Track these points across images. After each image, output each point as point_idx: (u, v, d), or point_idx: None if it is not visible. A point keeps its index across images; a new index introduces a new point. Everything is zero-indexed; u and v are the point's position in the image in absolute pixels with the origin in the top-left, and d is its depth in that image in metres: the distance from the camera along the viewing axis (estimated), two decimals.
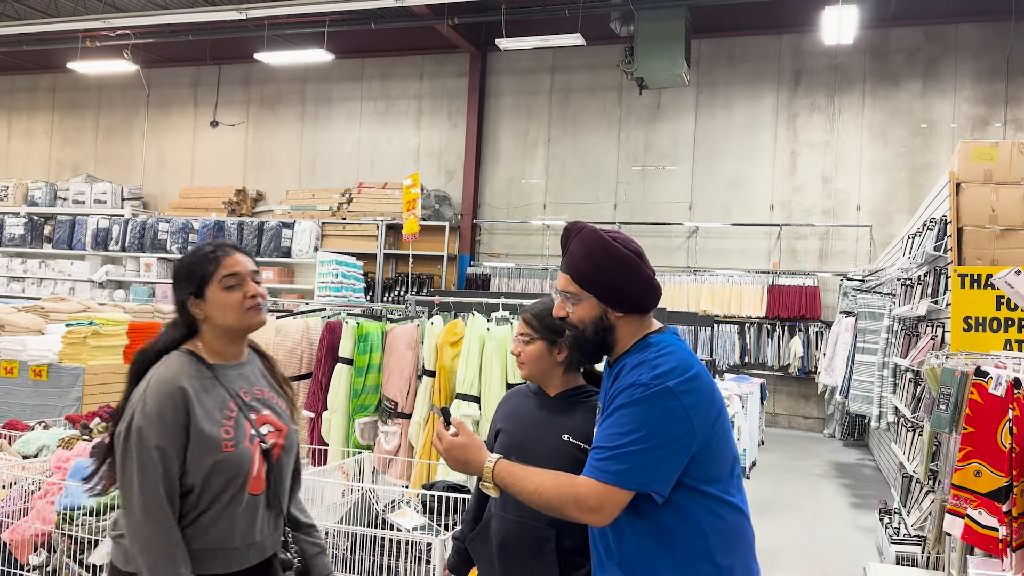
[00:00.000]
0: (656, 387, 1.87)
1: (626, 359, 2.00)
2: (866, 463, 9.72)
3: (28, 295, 13.77)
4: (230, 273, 2.10)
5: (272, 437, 2.15)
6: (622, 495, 1.86)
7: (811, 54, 12.32)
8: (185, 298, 2.12)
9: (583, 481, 1.89)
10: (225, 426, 2.04)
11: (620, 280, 2.00)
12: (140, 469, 1.94)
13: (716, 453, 1.95)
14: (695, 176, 12.86)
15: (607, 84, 13.33)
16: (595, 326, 2.03)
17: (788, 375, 12.12)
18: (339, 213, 13.90)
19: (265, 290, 2.18)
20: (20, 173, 16.91)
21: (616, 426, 1.89)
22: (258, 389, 2.20)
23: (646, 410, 1.86)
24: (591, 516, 1.88)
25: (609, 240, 2.02)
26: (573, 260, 2.03)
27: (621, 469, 1.85)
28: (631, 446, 1.84)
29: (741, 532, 2.00)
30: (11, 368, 6.48)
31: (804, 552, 5.99)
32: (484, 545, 2.34)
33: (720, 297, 12.22)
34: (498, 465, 2.00)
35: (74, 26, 13.04)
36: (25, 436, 4.01)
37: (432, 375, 5.00)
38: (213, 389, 2.07)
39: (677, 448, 1.86)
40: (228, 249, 2.16)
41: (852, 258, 11.92)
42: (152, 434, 1.94)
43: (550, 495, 1.91)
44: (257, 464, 2.07)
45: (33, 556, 3.16)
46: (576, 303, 2.04)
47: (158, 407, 1.96)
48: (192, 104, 16.08)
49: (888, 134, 11.96)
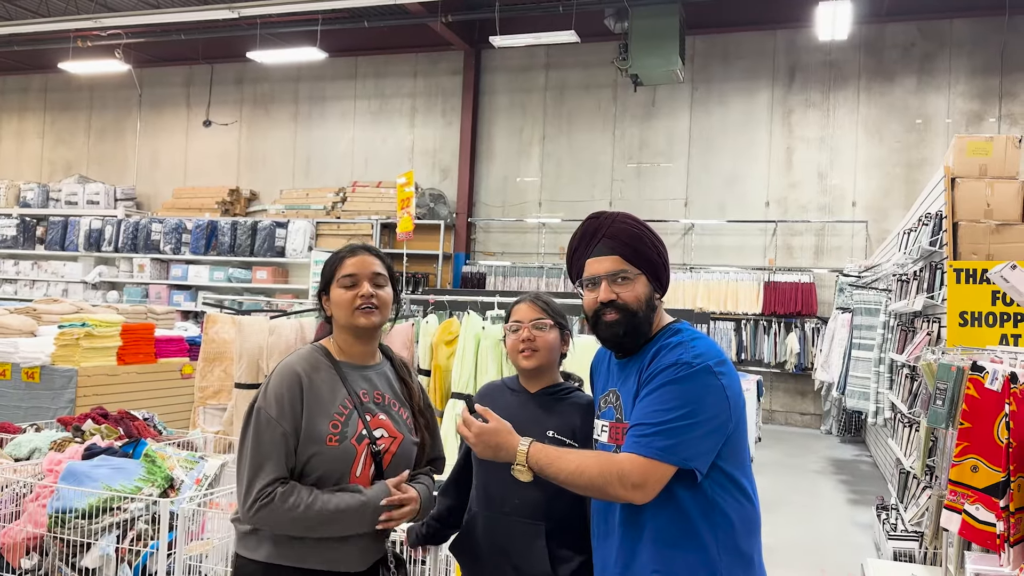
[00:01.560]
0: (699, 366, 1.90)
1: (659, 342, 2.01)
2: (863, 459, 9.72)
3: (21, 297, 13.71)
4: (348, 273, 2.18)
5: (385, 443, 2.14)
6: (665, 471, 1.87)
7: (806, 50, 12.31)
8: (320, 295, 2.27)
9: (626, 458, 1.88)
10: (335, 420, 2.08)
11: (663, 259, 2.09)
12: (255, 447, 2.04)
13: (742, 439, 1.99)
14: (690, 173, 12.84)
15: (602, 81, 13.30)
16: (647, 305, 2.04)
17: (784, 372, 12.11)
18: (333, 212, 13.86)
19: (386, 293, 2.22)
20: (12, 174, 16.83)
21: (659, 403, 1.89)
22: (379, 394, 2.22)
23: (691, 388, 1.88)
24: (634, 493, 1.86)
25: (645, 223, 2.12)
26: (621, 241, 2.04)
27: (667, 444, 1.85)
28: (677, 422, 1.85)
29: (757, 522, 2.04)
30: (3, 370, 6.44)
31: (802, 549, 5.98)
32: (469, 544, 2.31)
33: (716, 294, 12.21)
34: (532, 447, 1.97)
35: (65, 26, 12.98)
36: (17, 439, 3.97)
37: (427, 374, 4.98)
38: (332, 383, 2.13)
39: (717, 426, 1.89)
40: (358, 250, 2.24)
41: (848, 254, 11.91)
42: (269, 415, 2.04)
43: (592, 473, 1.89)
44: (362, 464, 2.08)
45: (25, 560, 3.13)
46: (628, 283, 2.03)
47: (277, 390, 2.07)
48: (185, 104, 16.02)
49: (883, 130, 11.96)
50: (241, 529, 2.10)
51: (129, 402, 6.38)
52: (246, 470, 2.04)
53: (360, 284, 2.17)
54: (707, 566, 1.92)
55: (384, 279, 2.24)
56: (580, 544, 2.23)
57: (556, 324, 2.34)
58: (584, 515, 2.24)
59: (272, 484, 2.01)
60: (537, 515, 2.22)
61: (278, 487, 2.00)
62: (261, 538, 2.06)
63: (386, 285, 2.24)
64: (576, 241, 2.14)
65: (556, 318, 2.35)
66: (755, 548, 2.02)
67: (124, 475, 3.29)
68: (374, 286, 2.19)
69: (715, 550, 1.93)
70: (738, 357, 12.19)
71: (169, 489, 3.33)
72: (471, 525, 2.32)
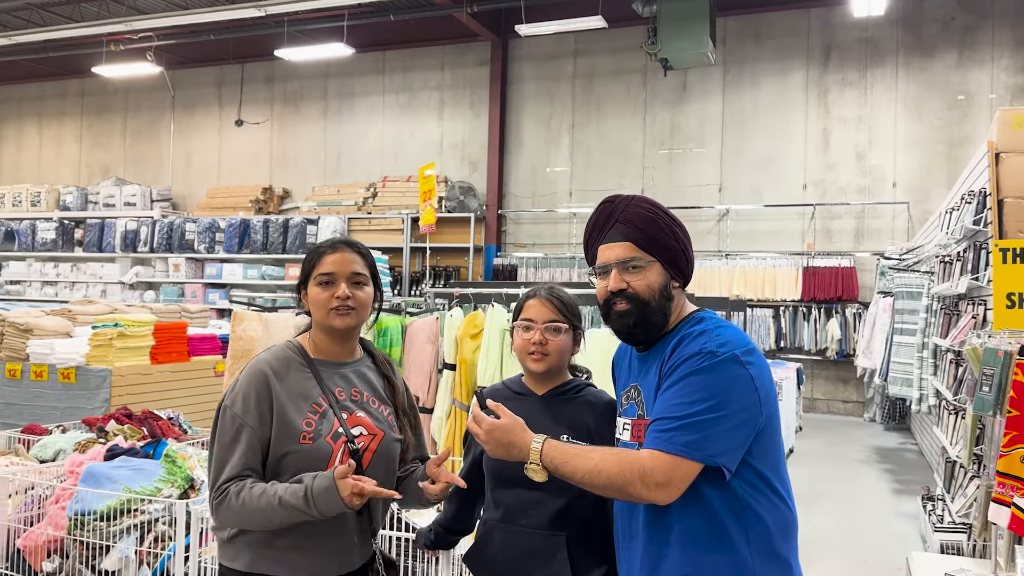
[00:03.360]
0: (724, 355, 1.76)
1: (681, 332, 1.88)
2: (908, 447, 9.44)
3: (61, 299, 13.94)
4: (325, 271, 2.08)
5: (364, 440, 2.06)
6: (691, 468, 1.73)
7: (841, 27, 11.96)
8: (298, 289, 2.18)
9: (647, 455, 1.75)
10: (308, 418, 2.00)
11: (681, 245, 1.94)
12: (220, 443, 1.99)
13: (774, 436, 1.85)
14: (724, 157, 12.59)
15: (631, 67, 13.09)
16: (661, 295, 1.90)
17: (826, 359, 11.84)
18: (364, 208, 13.88)
19: (364, 293, 2.11)
20: (52, 178, 17.14)
21: (682, 395, 1.76)
22: (356, 391, 2.13)
23: (716, 378, 1.75)
24: (657, 492, 1.73)
25: (664, 207, 1.97)
26: (634, 226, 1.92)
27: (692, 439, 1.72)
28: (702, 415, 1.72)
29: (794, 525, 1.89)
30: (40, 372, 6.52)
31: (844, 540, 5.79)
32: (484, 559, 2.19)
33: (753, 281, 11.96)
34: (547, 445, 1.84)
35: (97, 30, 13.14)
36: (43, 440, 3.98)
37: (453, 368, 4.91)
38: (304, 381, 2.06)
39: (746, 419, 1.75)
40: (339, 246, 2.13)
41: (889, 236, 11.57)
42: (235, 413, 1.99)
43: (611, 472, 1.76)
44: (338, 463, 1.98)
45: (46, 563, 3.12)
46: (639, 271, 1.90)
47: (243, 388, 2.01)
48: (217, 104, 16.14)
49: (923, 107, 11.58)
50: (220, 537, 2.04)
51: (163, 400, 6.43)
52: (212, 470, 1.99)
53: (337, 284, 2.07)
54: (739, 569, 1.78)
55: (365, 278, 2.13)
56: (603, 552, 2.11)
57: (571, 326, 2.21)
58: (606, 520, 2.12)
59: (229, 481, 1.94)
60: (556, 525, 2.09)
61: (232, 484, 1.94)
62: (239, 547, 2.00)
63: (366, 284, 2.13)
64: (590, 227, 2.02)
65: (571, 319, 2.21)
66: (792, 552, 1.87)
67: (144, 476, 3.26)
68: (352, 285, 2.09)
69: (747, 552, 1.78)
70: (777, 344, 11.94)
71: (190, 489, 3.30)
72: (486, 538, 2.20)
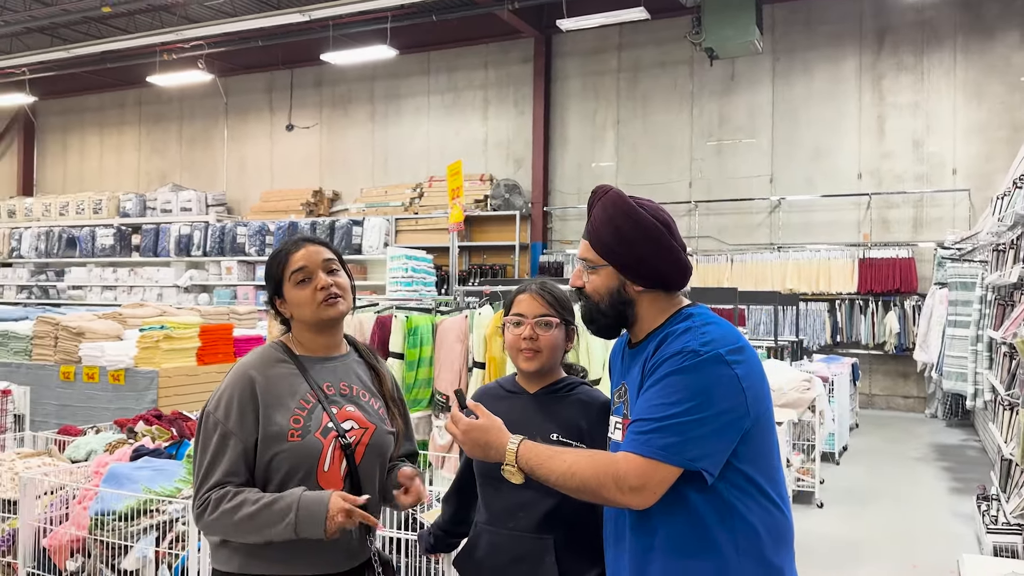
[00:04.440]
0: (707, 354, 1.68)
1: (666, 330, 1.81)
2: (971, 444, 9.05)
3: (119, 303, 14.36)
4: (297, 268, 2.05)
5: (355, 434, 2.03)
6: (668, 472, 1.66)
7: (895, 10, 11.55)
8: (271, 300, 2.13)
9: (622, 457, 1.69)
10: (296, 415, 1.97)
11: (642, 251, 1.83)
12: (203, 450, 1.96)
13: (766, 438, 1.76)
14: (775, 148, 12.28)
15: (677, 58, 12.87)
16: (611, 299, 1.86)
17: (884, 353, 11.46)
18: (411, 208, 13.96)
19: (343, 278, 2.10)
20: (113, 186, 17.69)
21: (662, 396, 1.69)
22: (345, 385, 2.10)
23: (698, 378, 1.67)
24: (632, 497, 1.67)
25: (634, 206, 1.86)
26: (594, 226, 1.88)
27: (669, 442, 1.65)
28: (680, 417, 1.65)
29: (788, 532, 1.79)
30: (92, 374, 6.70)
31: (895, 542, 5.56)
32: (473, 563, 2.13)
33: (807, 273, 11.64)
34: (522, 446, 1.80)
35: (151, 40, 13.51)
36: (76, 441, 4.07)
37: (482, 367, 4.86)
38: (291, 379, 2.03)
39: (730, 421, 1.67)
40: (298, 244, 2.10)
41: (950, 225, 11.12)
42: (217, 419, 1.96)
43: (585, 475, 1.71)
44: (330, 459, 1.97)
45: (70, 562, 3.17)
46: (593, 272, 1.88)
47: (227, 393, 1.98)
48: (268, 109, 16.44)
49: (984, 91, 11.10)
50: (212, 541, 2.02)
51: None
52: (195, 478, 1.97)
53: (315, 275, 2.05)
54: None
55: (335, 263, 2.11)
56: (593, 555, 2.04)
57: (562, 321, 2.14)
58: (596, 523, 2.05)
59: (211, 490, 1.91)
60: (544, 528, 2.03)
61: (213, 493, 1.91)
62: (231, 551, 1.97)
63: (339, 270, 2.11)
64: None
65: (563, 314, 2.14)
66: (786, 559, 1.77)
67: (164, 476, 3.29)
68: (328, 274, 2.07)
69: (735, 559, 1.70)
70: (833, 339, 11.61)
71: None
72: (474, 541, 2.15)
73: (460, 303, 5.51)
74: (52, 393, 6.67)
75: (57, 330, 6.83)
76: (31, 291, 16.08)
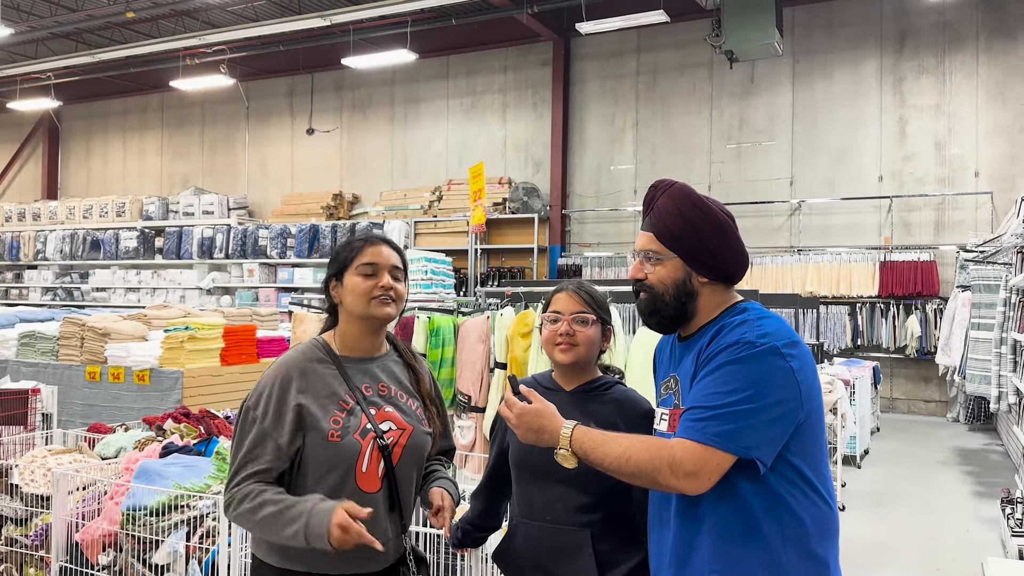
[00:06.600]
0: (763, 345, 1.71)
1: (721, 322, 1.84)
2: (994, 448, 8.97)
3: (143, 305, 14.51)
4: (368, 262, 2.10)
5: (393, 435, 2.06)
6: (722, 459, 1.68)
7: (916, 12, 11.49)
8: (328, 281, 2.16)
9: (678, 443, 1.72)
10: (335, 416, 2.01)
11: (710, 241, 1.86)
12: (238, 444, 2.00)
13: (816, 434, 1.79)
14: (795, 150, 12.24)
15: (696, 61, 12.86)
16: (676, 290, 1.88)
17: (906, 357, 11.38)
18: (430, 211, 14.03)
19: (402, 288, 2.14)
20: (136, 190, 17.90)
21: (718, 384, 1.71)
22: (384, 386, 2.14)
23: (754, 368, 1.70)
24: (686, 482, 1.69)
25: (703, 198, 1.90)
26: (660, 217, 1.89)
27: (725, 430, 1.68)
28: (737, 405, 1.68)
29: (834, 526, 1.82)
30: (117, 374, 6.79)
31: (918, 546, 5.53)
32: (511, 556, 2.17)
33: (827, 277, 11.59)
34: (576, 430, 1.82)
35: (174, 44, 13.67)
36: (106, 438, 4.14)
37: (504, 367, 4.89)
38: (331, 379, 2.06)
39: (784, 412, 1.70)
40: (375, 240, 2.14)
41: (972, 228, 11.04)
42: (255, 415, 1.99)
43: (640, 459, 1.73)
44: (368, 459, 2.01)
45: (102, 556, 3.23)
46: (657, 263, 1.89)
47: (267, 391, 2.01)
48: (289, 113, 16.57)
49: (1007, 92, 11.02)
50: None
51: (232, 400, 6.60)
52: (229, 469, 2.01)
53: (380, 274, 2.09)
54: (772, 566, 1.72)
55: (401, 273, 2.15)
56: (630, 547, 2.08)
57: (599, 319, 2.18)
58: (632, 514, 2.09)
59: (238, 485, 1.95)
60: (581, 520, 2.07)
61: (239, 489, 1.95)
62: (269, 547, 2.01)
63: (403, 280, 2.16)
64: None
65: (599, 312, 2.18)
66: (831, 553, 1.80)
67: (194, 472, 3.35)
68: (393, 279, 2.11)
69: (782, 550, 1.72)
70: (854, 343, 11.54)
71: None
72: (512, 534, 2.19)
73: (481, 304, 5.55)
74: (79, 393, 6.77)
75: (83, 331, 6.93)
76: (56, 293, 16.30)
